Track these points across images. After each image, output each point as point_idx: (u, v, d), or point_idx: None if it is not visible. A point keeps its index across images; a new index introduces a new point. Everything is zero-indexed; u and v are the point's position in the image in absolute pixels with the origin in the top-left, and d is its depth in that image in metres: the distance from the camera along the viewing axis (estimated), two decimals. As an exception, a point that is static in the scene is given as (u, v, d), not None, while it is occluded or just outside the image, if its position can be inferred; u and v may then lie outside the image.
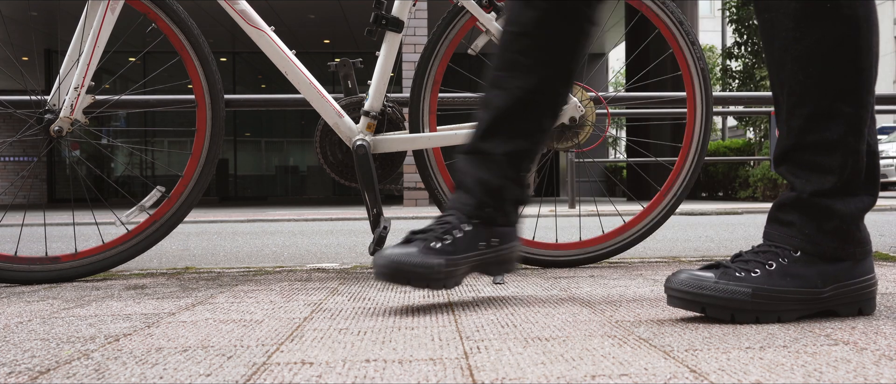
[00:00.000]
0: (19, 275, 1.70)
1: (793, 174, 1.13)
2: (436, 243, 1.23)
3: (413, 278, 1.19)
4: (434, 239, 1.24)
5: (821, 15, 1.07)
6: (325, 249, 3.38)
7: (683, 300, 1.06)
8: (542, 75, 1.28)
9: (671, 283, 1.07)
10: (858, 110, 1.12)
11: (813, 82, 1.09)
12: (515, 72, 1.28)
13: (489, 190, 1.29)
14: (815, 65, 1.09)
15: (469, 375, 0.78)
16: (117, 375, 0.81)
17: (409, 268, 1.18)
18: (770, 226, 1.15)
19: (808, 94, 1.10)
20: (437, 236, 1.24)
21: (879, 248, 2.55)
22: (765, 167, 9.95)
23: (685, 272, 1.07)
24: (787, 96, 1.12)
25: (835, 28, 1.08)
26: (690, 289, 1.05)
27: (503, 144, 1.29)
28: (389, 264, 1.18)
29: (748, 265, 1.07)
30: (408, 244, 1.22)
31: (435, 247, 1.23)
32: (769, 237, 1.13)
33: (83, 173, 10.81)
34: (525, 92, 1.28)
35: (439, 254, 1.22)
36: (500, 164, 1.29)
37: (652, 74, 7.84)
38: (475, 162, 1.30)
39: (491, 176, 1.29)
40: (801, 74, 1.09)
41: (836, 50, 1.08)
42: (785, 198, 1.14)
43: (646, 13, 1.91)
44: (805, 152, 1.11)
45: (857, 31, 1.09)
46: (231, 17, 1.76)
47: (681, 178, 1.98)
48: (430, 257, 1.21)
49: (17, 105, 2.16)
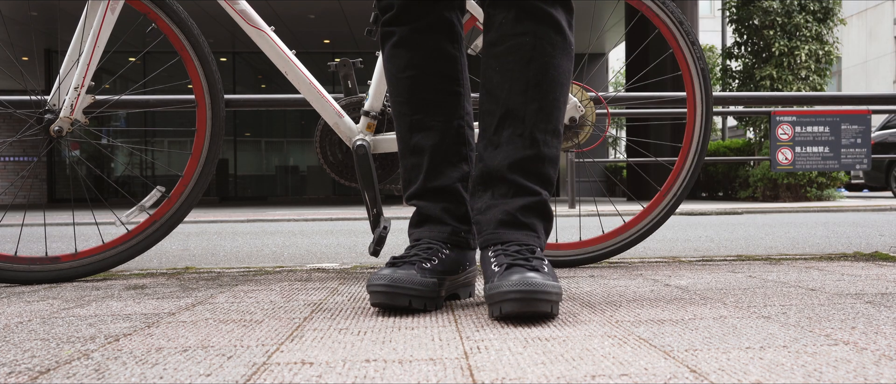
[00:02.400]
0: (19, 275, 1.70)
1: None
2: (426, 264, 1.24)
3: (415, 299, 1.18)
4: (423, 260, 1.25)
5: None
6: (325, 249, 3.38)
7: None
8: (461, 99, 1.38)
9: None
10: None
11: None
12: (434, 109, 1.36)
13: (458, 216, 1.36)
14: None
15: (469, 375, 0.78)
16: (117, 375, 0.81)
17: (410, 289, 1.18)
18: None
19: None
20: (425, 257, 1.25)
21: (879, 248, 2.55)
22: (765, 167, 9.95)
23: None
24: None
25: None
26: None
27: (453, 174, 1.36)
28: (391, 286, 1.17)
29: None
30: (399, 267, 1.22)
31: (426, 267, 1.23)
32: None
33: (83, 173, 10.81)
34: (454, 124, 1.37)
35: (432, 273, 1.23)
36: (458, 193, 1.36)
37: (652, 74, 7.84)
38: (435, 197, 1.36)
39: (455, 204, 1.36)
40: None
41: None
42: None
43: (646, 13, 1.91)
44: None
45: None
46: (231, 17, 1.76)
47: (681, 178, 1.98)
48: (426, 277, 1.21)
49: (17, 105, 2.16)
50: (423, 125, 1.35)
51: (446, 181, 1.36)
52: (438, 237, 1.32)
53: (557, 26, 1.25)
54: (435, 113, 1.35)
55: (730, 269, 1.79)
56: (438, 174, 1.36)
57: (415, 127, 1.36)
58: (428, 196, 1.36)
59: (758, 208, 7.35)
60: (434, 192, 1.36)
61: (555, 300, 1.08)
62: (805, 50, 10.01)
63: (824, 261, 1.96)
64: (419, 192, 1.37)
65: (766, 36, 10.20)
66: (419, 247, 1.29)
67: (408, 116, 1.37)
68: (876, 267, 1.81)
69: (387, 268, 1.21)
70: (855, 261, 1.98)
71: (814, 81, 10.14)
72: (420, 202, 1.37)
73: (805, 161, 3.96)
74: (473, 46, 1.88)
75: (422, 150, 1.36)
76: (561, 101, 1.27)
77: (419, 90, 1.35)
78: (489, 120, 1.27)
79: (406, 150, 1.39)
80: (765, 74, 10.11)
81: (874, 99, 3.65)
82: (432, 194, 1.36)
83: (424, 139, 1.36)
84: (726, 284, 1.50)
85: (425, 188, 1.36)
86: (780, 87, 10.08)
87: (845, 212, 6.99)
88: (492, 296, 1.10)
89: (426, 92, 1.35)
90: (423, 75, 1.35)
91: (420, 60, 1.35)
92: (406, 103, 1.37)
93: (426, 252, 1.27)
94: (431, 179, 1.36)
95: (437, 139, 1.35)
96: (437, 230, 1.33)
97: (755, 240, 3.57)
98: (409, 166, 1.39)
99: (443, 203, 1.36)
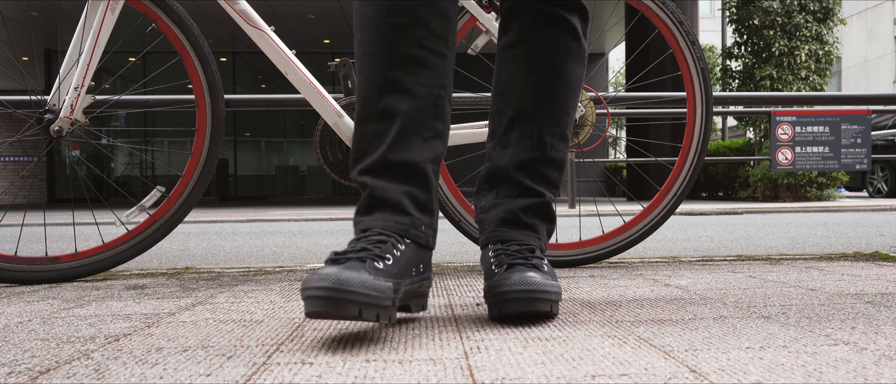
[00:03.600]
0: (19, 275, 1.70)
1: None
2: (379, 262, 0.99)
3: (366, 307, 0.91)
4: (374, 257, 0.99)
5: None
6: (325, 249, 3.38)
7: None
8: (447, 65, 1.14)
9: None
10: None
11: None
12: (417, 68, 1.11)
13: (421, 205, 1.11)
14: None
15: (469, 375, 0.78)
16: (117, 375, 0.81)
17: (361, 294, 0.91)
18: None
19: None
20: (377, 255, 1.00)
21: (879, 248, 2.55)
22: (765, 167, 9.95)
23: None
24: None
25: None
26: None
27: (424, 151, 1.12)
28: (334, 289, 0.90)
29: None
30: (345, 264, 0.95)
31: (379, 267, 0.98)
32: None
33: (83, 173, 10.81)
34: (436, 92, 1.13)
35: (386, 276, 0.98)
36: (426, 175, 1.12)
37: (652, 74, 7.85)
38: (397, 175, 1.10)
39: (420, 189, 1.11)
40: None
41: None
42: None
43: (646, 13, 1.91)
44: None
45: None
46: (231, 17, 1.76)
47: (681, 178, 1.98)
48: (380, 279, 0.95)
49: (17, 105, 2.16)
50: (399, 86, 1.10)
51: (415, 157, 1.10)
52: (394, 228, 1.07)
53: (574, 32, 1.26)
54: (416, 73, 1.11)
55: (730, 269, 1.79)
56: (407, 147, 1.10)
57: (388, 87, 1.10)
58: (388, 173, 1.09)
59: (758, 208, 7.35)
60: (397, 169, 1.10)
61: (555, 300, 1.08)
62: (805, 50, 10.02)
63: (824, 261, 1.96)
64: (376, 165, 1.10)
65: (766, 36, 10.20)
66: (368, 240, 1.03)
67: (382, 72, 1.10)
68: (876, 267, 1.81)
69: (329, 267, 0.94)
70: (855, 261, 1.98)
71: (814, 81, 10.15)
72: (375, 180, 1.09)
73: (805, 161, 3.96)
74: (473, 46, 1.88)
75: (392, 114, 1.10)
76: (571, 106, 1.28)
77: (402, 43, 1.10)
78: (499, 121, 1.28)
79: (370, 113, 1.11)
80: (765, 74, 10.11)
81: (874, 99, 3.66)
82: (394, 171, 1.10)
83: (398, 102, 1.10)
84: (726, 284, 1.50)
85: (386, 162, 1.09)
86: (780, 87, 10.09)
87: (845, 212, 6.99)
88: (491, 296, 1.10)
89: (411, 46, 1.10)
90: (411, 25, 1.10)
91: (409, 7, 1.10)
92: (383, 56, 1.10)
93: (378, 247, 1.02)
94: (396, 151, 1.09)
95: (411, 105, 1.10)
96: (394, 220, 1.08)
97: (755, 240, 3.57)
98: (370, 134, 1.11)
99: (405, 185, 1.10)
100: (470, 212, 1.95)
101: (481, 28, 1.85)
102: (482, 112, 2.70)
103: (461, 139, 1.87)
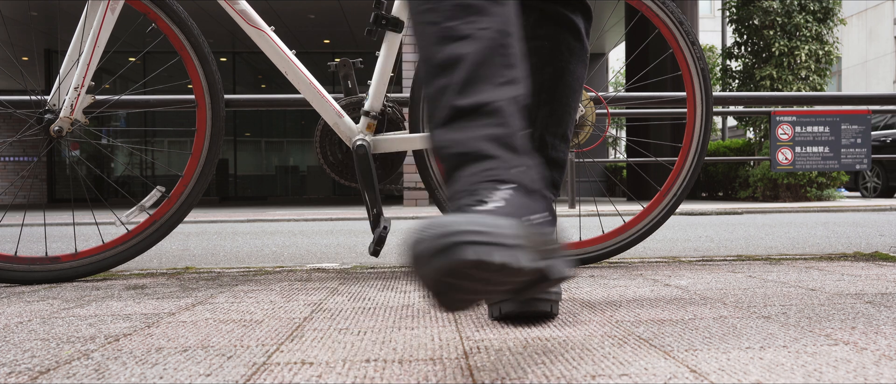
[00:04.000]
0: (19, 275, 1.70)
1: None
2: (488, 206, 0.82)
3: (498, 255, 0.70)
4: (489, 203, 0.83)
5: None
6: (325, 249, 3.38)
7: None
8: (508, 11, 1.00)
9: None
10: None
11: None
12: (474, 15, 0.98)
13: (509, 145, 0.91)
14: None
15: (469, 375, 0.78)
16: (117, 375, 0.81)
17: (483, 237, 0.69)
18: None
19: None
20: (477, 200, 0.84)
21: (879, 248, 2.55)
22: (765, 167, 9.95)
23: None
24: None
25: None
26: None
27: (496, 92, 0.94)
28: (449, 233, 0.68)
29: None
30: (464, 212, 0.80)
31: (489, 207, 0.82)
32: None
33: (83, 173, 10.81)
34: (497, 39, 0.97)
35: (497, 213, 0.81)
36: (504, 113, 0.93)
37: (652, 74, 7.84)
38: (470, 121, 0.92)
39: (502, 128, 0.91)
40: None
41: None
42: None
43: (646, 13, 1.91)
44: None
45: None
46: (231, 17, 1.76)
47: (681, 178, 1.98)
48: (499, 217, 0.75)
49: (17, 105, 2.16)
50: (457, 34, 0.96)
51: (486, 98, 0.92)
52: (483, 178, 0.87)
53: (577, 32, 1.26)
54: (474, 20, 0.96)
55: (730, 269, 1.79)
56: (475, 90, 0.93)
57: (445, 38, 0.97)
58: (459, 123, 0.92)
59: (758, 208, 7.35)
60: (468, 115, 0.92)
61: (555, 300, 1.08)
62: (805, 50, 10.01)
63: (824, 261, 1.96)
64: (446, 118, 0.93)
65: (766, 36, 10.20)
66: (467, 197, 0.85)
67: (435, 25, 0.97)
68: (876, 267, 1.81)
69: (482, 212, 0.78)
70: (855, 261, 1.98)
71: (814, 81, 10.14)
72: (447, 134, 0.92)
73: (805, 161, 3.96)
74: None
75: (454, 61, 0.95)
76: (573, 107, 1.27)
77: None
78: None
79: (432, 70, 0.97)
80: (765, 74, 10.11)
81: (874, 99, 3.65)
82: (466, 118, 0.92)
83: (458, 48, 0.95)
84: (726, 284, 1.50)
85: (455, 110, 0.93)
86: (780, 87, 10.08)
87: (845, 212, 6.99)
88: None
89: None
90: None
91: None
92: (434, 11, 0.98)
93: (472, 197, 0.84)
94: (465, 95, 0.93)
95: (474, 48, 0.95)
96: (480, 169, 0.88)
97: (755, 240, 3.57)
98: (434, 92, 0.96)
99: (482, 129, 0.91)
100: (470, 212, 1.95)
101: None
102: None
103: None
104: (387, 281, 1.66)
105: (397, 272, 1.87)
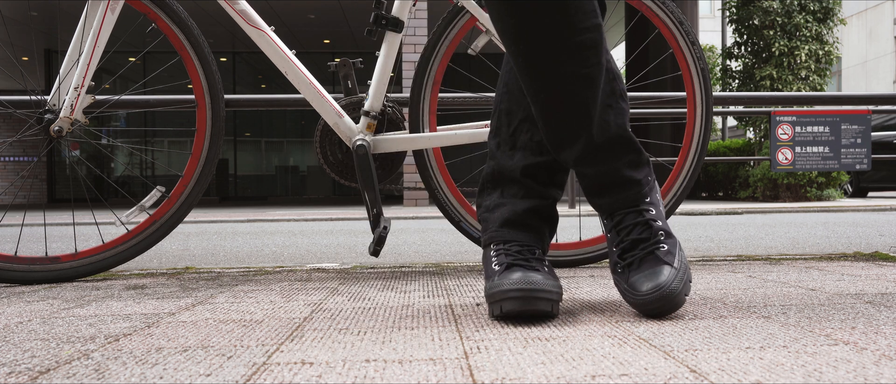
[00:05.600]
0: (19, 275, 1.70)
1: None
2: (665, 247, 1.15)
3: (688, 290, 1.12)
4: (664, 243, 1.16)
5: None
6: (325, 249, 3.38)
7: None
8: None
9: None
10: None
11: None
12: (589, 51, 1.14)
13: (640, 164, 1.22)
14: None
15: (469, 375, 0.78)
16: (117, 375, 0.81)
17: (686, 287, 1.11)
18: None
19: None
20: (658, 240, 1.16)
21: (879, 248, 2.55)
22: (765, 167, 9.95)
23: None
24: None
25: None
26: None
27: (617, 121, 1.21)
28: (668, 293, 1.08)
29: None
30: (659, 267, 1.12)
31: (667, 250, 1.14)
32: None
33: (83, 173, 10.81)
34: (603, 62, 1.18)
35: (674, 254, 1.14)
36: (631, 140, 1.21)
37: (652, 74, 7.84)
38: (604, 156, 1.19)
39: (634, 155, 1.21)
40: None
41: None
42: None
43: (646, 13, 1.90)
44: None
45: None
46: (231, 17, 1.76)
47: (681, 178, 1.98)
48: (677, 259, 1.14)
49: (17, 105, 2.16)
50: (578, 75, 1.14)
51: (617, 129, 1.19)
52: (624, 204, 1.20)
53: None
54: (587, 56, 1.13)
55: (730, 269, 1.79)
56: (606, 125, 1.19)
57: (567, 79, 1.14)
58: (600, 155, 1.19)
59: (758, 208, 7.35)
60: (607, 147, 1.19)
61: (555, 300, 1.08)
62: (805, 50, 10.02)
63: (824, 261, 1.96)
64: (585, 152, 1.19)
65: (766, 36, 10.20)
66: (647, 228, 1.17)
67: (555, 71, 1.14)
68: (876, 267, 1.81)
69: (654, 275, 1.10)
70: (855, 261, 1.98)
71: (814, 81, 10.15)
72: (590, 168, 1.20)
73: (805, 161, 3.96)
74: (473, 46, 1.88)
75: (583, 104, 1.16)
76: None
77: (567, 35, 1.11)
78: (506, 119, 1.28)
79: (555, 111, 1.17)
80: (765, 74, 10.11)
81: (874, 99, 3.65)
82: (606, 149, 1.19)
83: (583, 90, 1.15)
84: (726, 284, 1.50)
85: (593, 146, 1.18)
86: (780, 87, 10.09)
87: (845, 212, 6.99)
88: (492, 295, 1.10)
89: (576, 34, 1.11)
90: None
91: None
92: (550, 56, 1.12)
93: (652, 234, 1.17)
94: (600, 134, 1.17)
95: (595, 88, 1.16)
96: (633, 191, 1.20)
97: (755, 240, 3.57)
98: (563, 127, 1.18)
99: (623, 157, 1.20)
100: (470, 211, 1.95)
101: (481, 28, 1.85)
102: (482, 112, 2.70)
103: (461, 139, 1.87)
104: (387, 281, 1.66)
105: (397, 272, 1.87)
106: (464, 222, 1.96)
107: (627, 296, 1.13)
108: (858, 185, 11.70)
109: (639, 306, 1.10)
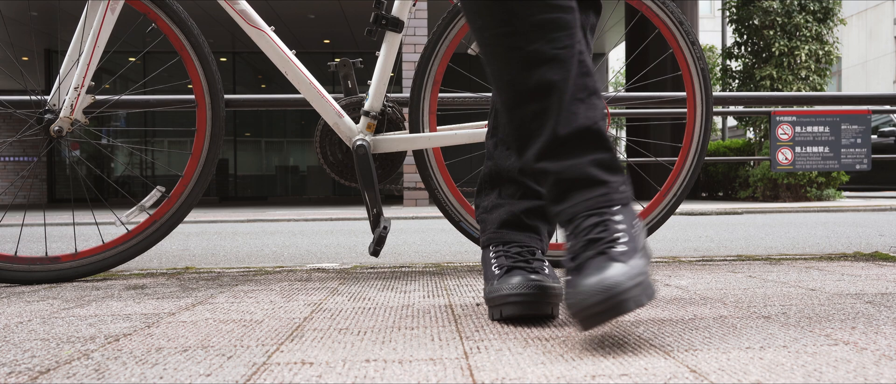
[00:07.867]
0: (19, 275, 1.70)
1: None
2: (623, 247, 0.94)
3: (644, 298, 0.90)
4: (621, 243, 0.95)
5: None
6: (325, 249, 3.37)
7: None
8: (576, 17, 1.06)
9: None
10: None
11: None
12: (553, 31, 1.02)
13: (610, 167, 1.03)
14: None
15: (469, 375, 0.78)
16: (117, 375, 0.81)
17: (637, 289, 0.88)
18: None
19: None
20: (610, 241, 0.95)
21: (879, 248, 2.55)
22: (765, 167, 9.95)
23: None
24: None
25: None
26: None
27: (589, 112, 1.03)
28: (615, 292, 0.86)
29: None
30: (607, 263, 0.90)
31: (624, 250, 0.94)
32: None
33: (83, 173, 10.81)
34: (576, 49, 1.03)
35: (633, 254, 0.94)
36: (602, 135, 1.03)
37: (652, 74, 7.84)
38: (575, 148, 1.02)
39: (603, 152, 1.02)
40: None
41: None
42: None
43: (646, 13, 1.90)
44: None
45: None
46: (231, 17, 1.76)
47: (681, 178, 1.98)
48: (635, 259, 0.93)
49: (17, 105, 2.16)
50: (544, 56, 1.01)
51: (584, 122, 1.01)
52: (598, 204, 1.00)
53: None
54: (556, 37, 1.02)
55: (730, 269, 1.79)
56: (573, 116, 1.01)
57: (533, 61, 1.01)
58: (565, 150, 1.02)
59: (758, 208, 7.35)
60: (573, 142, 1.01)
61: (555, 302, 1.08)
62: (805, 50, 10.01)
63: (824, 261, 1.96)
64: (550, 146, 1.02)
65: (766, 36, 10.19)
66: (591, 232, 0.97)
67: (519, 49, 1.02)
68: (876, 267, 1.81)
69: (598, 273, 0.89)
70: (855, 261, 1.98)
71: (814, 81, 10.14)
72: (555, 162, 1.02)
73: (805, 161, 3.96)
74: (473, 46, 1.88)
75: (547, 88, 1.01)
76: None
77: (529, 10, 1.01)
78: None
79: (521, 95, 1.04)
80: (765, 74, 10.11)
81: (874, 99, 3.65)
82: (571, 145, 1.01)
83: (548, 73, 1.01)
84: (726, 284, 1.50)
85: (558, 138, 1.01)
86: (780, 87, 10.08)
87: (845, 212, 6.99)
88: (492, 299, 1.10)
89: (538, 10, 1.01)
90: None
91: None
92: (515, 33, 1.01)
93: (603, 233, 0.96)
94: (564, 124, 1.01)
95: (564, 70, 1.01)
96: (594, 195, 1.00)
97: (755, 240, 3.57)
98: (529, 116, 1.03)
99: (587, 154, 1.01)
100: (470, 211, 1.95)
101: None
102: (482, 112, 2.70)
103: (461, 139, 1.87)
104: (387, 281, 1.66)
105: (397, 272, 1.87)
106: (464, 222, 1.96)
107: (567, 300, 0.92)
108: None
109: (576, 309, 0.89)
